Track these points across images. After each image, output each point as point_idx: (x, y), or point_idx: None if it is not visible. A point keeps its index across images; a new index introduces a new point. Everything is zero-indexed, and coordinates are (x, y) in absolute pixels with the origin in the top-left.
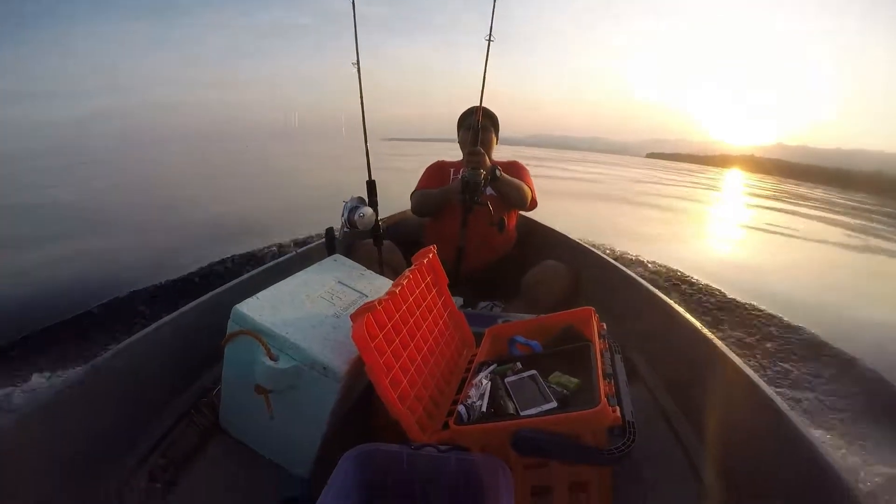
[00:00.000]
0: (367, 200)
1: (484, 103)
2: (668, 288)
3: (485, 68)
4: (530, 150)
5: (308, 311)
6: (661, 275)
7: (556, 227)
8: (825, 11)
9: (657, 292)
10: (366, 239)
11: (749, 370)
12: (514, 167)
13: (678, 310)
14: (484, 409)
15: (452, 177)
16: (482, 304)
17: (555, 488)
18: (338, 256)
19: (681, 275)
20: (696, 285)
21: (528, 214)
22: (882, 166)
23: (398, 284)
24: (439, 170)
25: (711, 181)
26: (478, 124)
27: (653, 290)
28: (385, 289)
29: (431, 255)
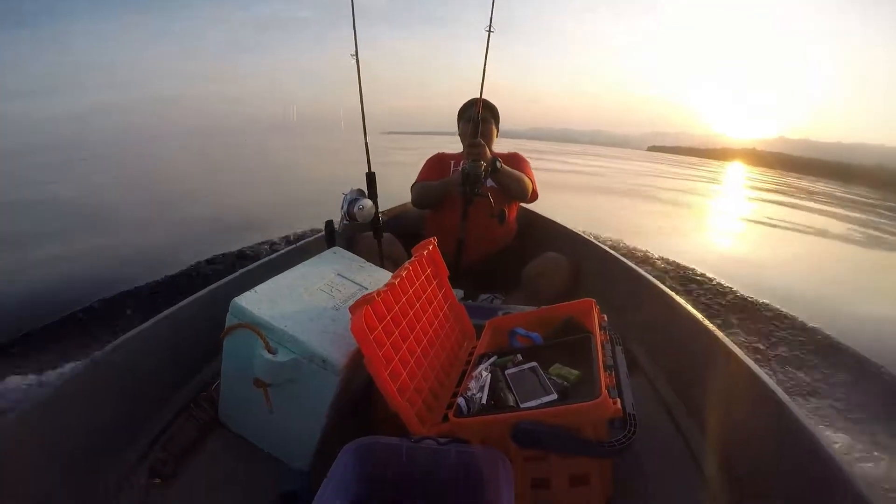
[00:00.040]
0: (366, 192)
1: (484, 95)
2: (678, 287)
3: (485, 60)
4: (531, 143)
5: (307, 304)
6: (669, 271)
7: (557, 220)
8: (827, 8)
9: (658, 284)
10: (365, 231)
11: (750, 362)
12: (515, 159)
13: (679, 301)
14: (484, 402)
15: (453, 169)
16: (483, 297)
17: (555, 481)
18: (337, 249)
19: (687, 270)
20: (704, 282)
21: (528, 206)
22: (882, 160)
23: (397, 276)
24: (439, 162)
25: (713, 174)
26: (478, 116)
27: (653, 282)
28: (385, 281)
29: (431, 247)
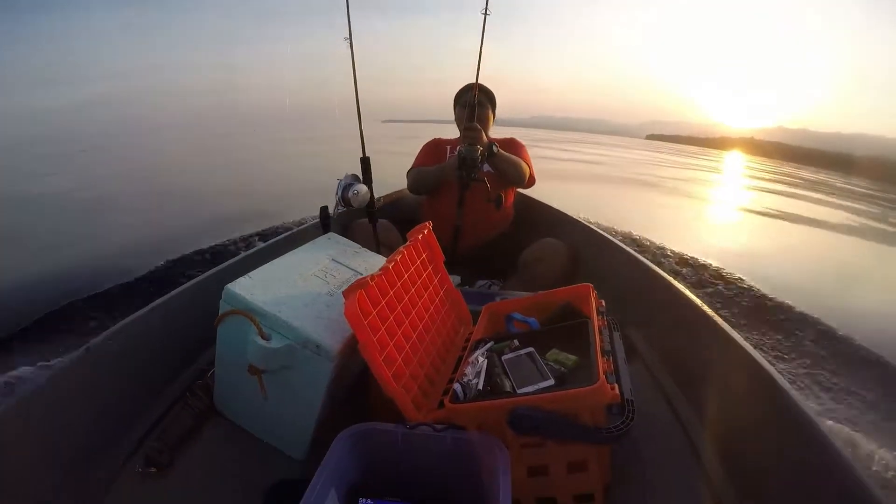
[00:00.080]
0: (361, 178)
1: (483, 83)
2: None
3: (481, 43)
4: (532, 131)
5: (301, 290)
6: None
7: (554, 205)
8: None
9: (657, 269)
10: (361, 218)
11: (750, 347)
12: (512, 144)
13: (678, 287)
14: (480, 387)
15: (449, 154)
16: (480, 283)
17: (552, 467)
18: (332, 234)
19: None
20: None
21: (525, 192)
22: (882, 151)
23: (392, 260)
24: (436, 147)
25: (713, 163)
26: (474, 100)
27: (652, 267)
28: (380, 266)
29: (427, 231)
